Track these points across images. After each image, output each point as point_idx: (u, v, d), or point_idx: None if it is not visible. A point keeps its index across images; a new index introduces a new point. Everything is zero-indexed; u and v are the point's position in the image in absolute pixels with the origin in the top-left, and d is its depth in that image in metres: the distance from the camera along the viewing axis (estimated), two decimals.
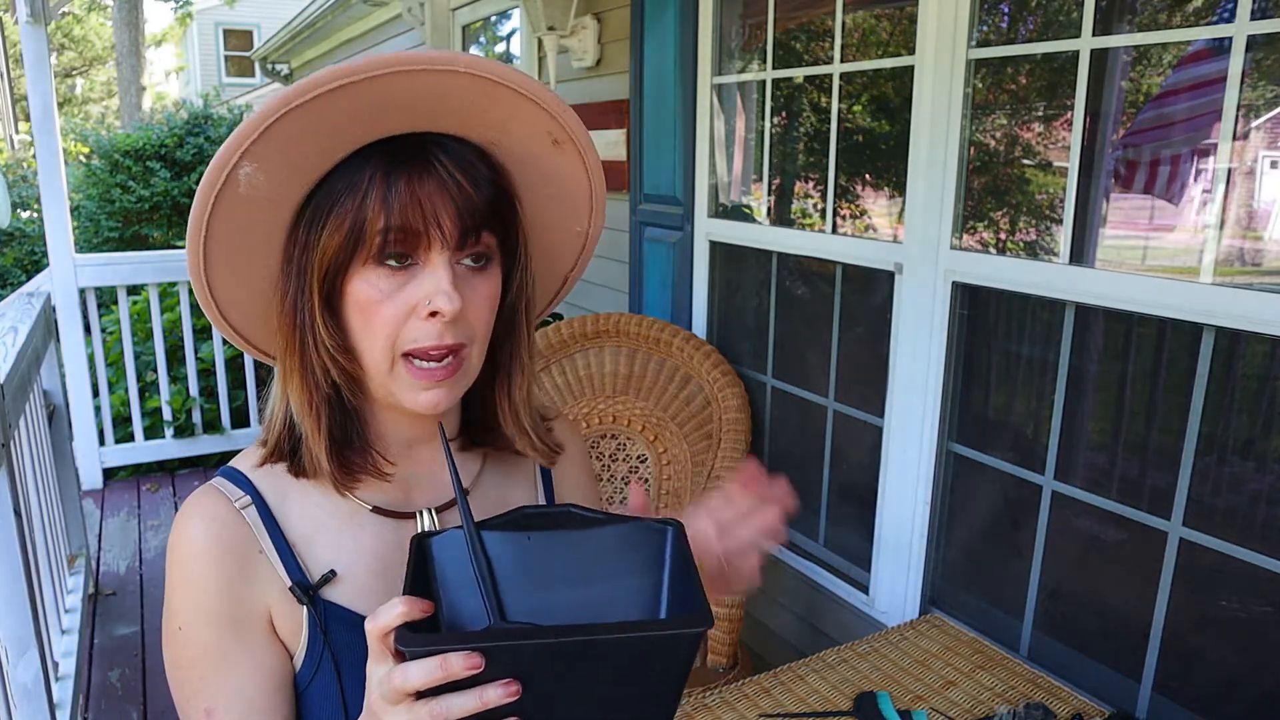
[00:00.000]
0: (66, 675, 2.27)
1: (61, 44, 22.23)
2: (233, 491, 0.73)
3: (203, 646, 0.70)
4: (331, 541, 0.74)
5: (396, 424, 0.76)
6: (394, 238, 0.65)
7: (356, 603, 0.73)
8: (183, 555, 0.70)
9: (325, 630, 0.72)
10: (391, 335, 0.68)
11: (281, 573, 0.72)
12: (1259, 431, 1.58)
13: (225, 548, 0.70)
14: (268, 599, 0.72)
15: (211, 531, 0.71)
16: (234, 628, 0.70)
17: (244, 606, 0.71)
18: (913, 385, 2.07)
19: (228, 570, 0.70)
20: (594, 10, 3.13)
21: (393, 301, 0.67)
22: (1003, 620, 1.98)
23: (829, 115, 2.31)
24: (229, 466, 0.76)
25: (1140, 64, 1.87)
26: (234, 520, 0.71)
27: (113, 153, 8.84)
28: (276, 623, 0.72)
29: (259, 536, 0.72)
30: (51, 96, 3.62)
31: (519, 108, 0.68)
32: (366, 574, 0.74)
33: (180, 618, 0.71)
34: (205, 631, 0.70)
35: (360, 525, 0.75)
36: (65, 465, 2.90)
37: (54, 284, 3.73)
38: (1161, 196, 1.85)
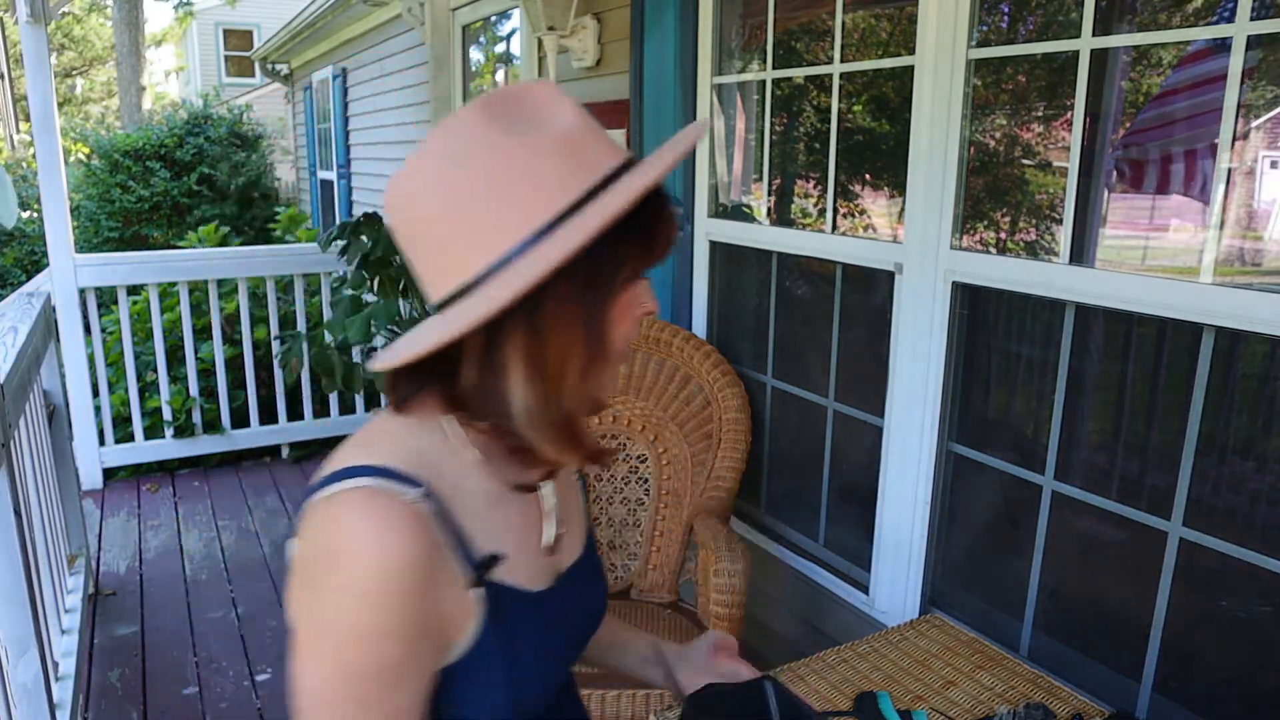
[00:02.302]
0: (66, 675, 2.27)
1: (61, 44, 22.23)
2: (403, 489, 0.70)
3: (398, 657, 0.69)
4: (486, 523, 0.77)
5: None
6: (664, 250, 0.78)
7: (511, 575, 0.77)
8: (377, 565, 0.67)
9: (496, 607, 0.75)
10: (631, 332, 0.78)
11: (460, 565, 0.73)
12: (1259, 431, 1.58)
13: (420, 552, 0.69)
14: (449, 595, 0.72)
15: (408, 537, 0.68)
16: (422, 637, 0.71)
17: (432, 613, 0.71)
18: (913, 385, 2.07)
19: (424, 579, 0.69)
20: (594, 10, 3.13)
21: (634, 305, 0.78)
22: (1003, 620, 1.98)
23: (829, 115, 2.31)
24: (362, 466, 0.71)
25: (1140, 64, 1.87)
26: (416, 519, 0.69)
27: (113, 153, 8.85)
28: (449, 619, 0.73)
29: (437, 532, 0.71)
30: (51, 96, 3.62)
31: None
32: (515, 546, 0.79)
33: (378, 630, 0.67)
34: (402, 644, 0.69)
35: (504, 502, 0.80)
36: (65, 465, 2.90)
37: (54, 284, 3.73)
38: (1162, 196, 1.85)
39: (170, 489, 4.09)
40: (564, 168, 0.70)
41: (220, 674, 2.65)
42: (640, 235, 0.74)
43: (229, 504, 3.92)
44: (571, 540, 0.89)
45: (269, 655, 2.75)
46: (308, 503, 0.71)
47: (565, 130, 0.71)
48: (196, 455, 4.27)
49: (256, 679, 2.63)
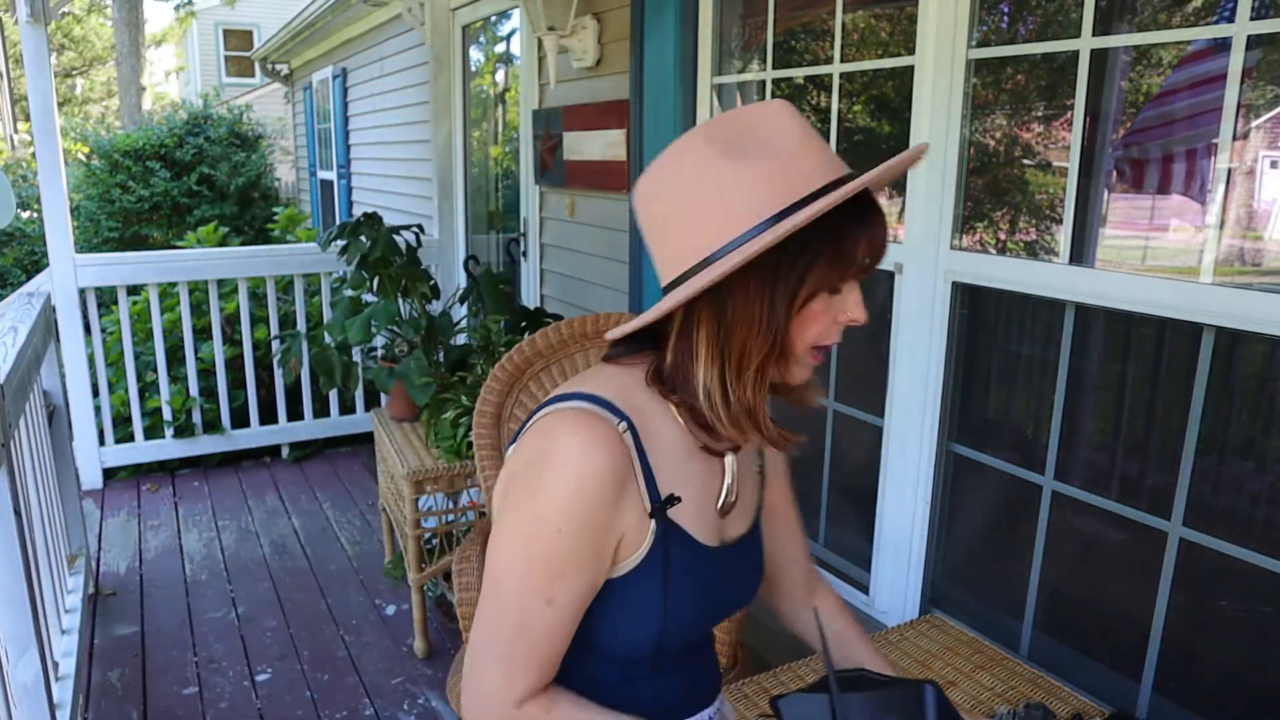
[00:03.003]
0: (66, 675, 2.27)
1: (61, 44, 22.22)
2: (610, 416, 0.86)
3: (572, 550, 0.83)
4: (673, 470, 0.90)
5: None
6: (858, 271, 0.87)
7: (685, 522, 0.90)
8: (577, 470, 0.83)
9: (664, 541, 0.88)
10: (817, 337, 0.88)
11: (643, 492, 0.87)
12: (1259, 431, 1.58)
13: (614, 472, 0.84)
14: (630, 517, 0.86)
15: (604, 453, 0.83)
16: (599, 541, 0.85)
17: (612, 524, 0.85)
18: (913, 385, 2.07)
19: (612, 492, 0.84)
20: (594, 10, 3.13)
21: (828, 313, 0.87)
22: (1003, 620, 1.98)
23: (829, 115, 2.31)
24: (584, 393, 0.88)
25: (1140, 64, 1.87)
26: (619, 446, 0.85)
27: (113, 153, 8.84)
28: (627, 536, 0.87)
29: (634, 461, 0.86)
30: (51, 96, 3.62)
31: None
32: (692, 499, 0.91)
33: (564, 523, 0.82)
34: (580, 539, 0.83)
35: (691, 459, 0.92)
36: (65, 465, 2.90)
37: (54, 284, 3.73)
38: (1162, 196, 1.85)
39: (170, 489, 4.09)
40: (768, 186, 0.81)
41: (220, 674, 2.65)
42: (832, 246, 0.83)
43: (229, 504, 3.92)
44: (741, 517, 0.99)
45: (269, 655, 2.75)
46: (531, 421, 0.89)
47: (779, 152, 0.82)
48: (196, 455, 4.27)
49: (256, 679, 2.63)
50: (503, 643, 0.86)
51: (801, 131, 0.85)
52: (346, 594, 3.13)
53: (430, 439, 2.85)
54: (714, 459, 0.95)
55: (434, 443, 2.81)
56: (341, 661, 2.71)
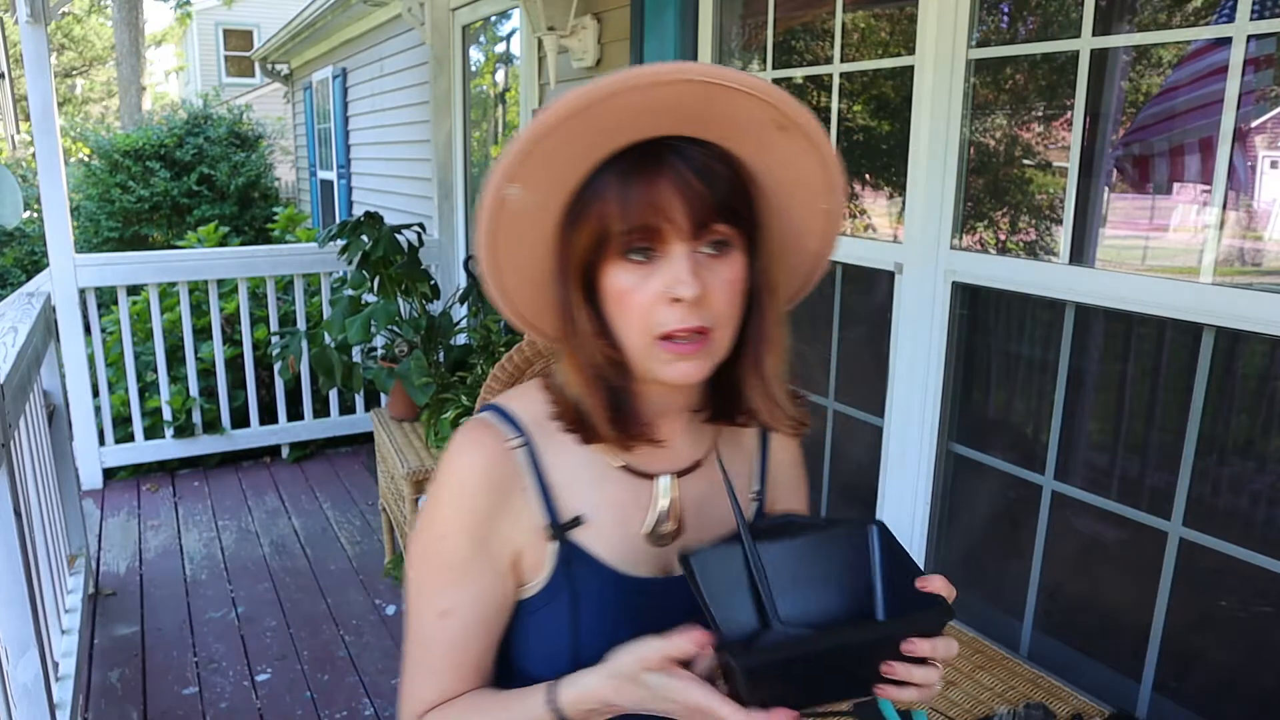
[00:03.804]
0: (66, 675, 2.27)
1: (61, 44, 22.22)
2: (507, 431, 0.83)
3: (457, 557, 0.81)
4: (582, 490, 0.84)
5: (650, 398, 0.84)
6: (635, 237, 0.74)
7: (595, 546, 0.83)
8: (455, 477, 0.81)
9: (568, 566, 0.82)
10: (645, 319, 0.76)
11: (538, 511, 0.82)
12: (1259, 431, 1.58)
13: (493, 482, 0.81)
14: (520, 533, 0.82)
15: (484, 465, 0.81)
16: (485, 550, 0.81)
17: (498, 537, 0.81)
18: (913, 385, 2.07)
19: (493, 501, 0.81)
20: (594, 10, 3.13)
21: (641, 290, 0.75)
22: (1003, 620, 1.98)
23: (829, 115, 2.31)
24: (501, 406, 0.86)
25: (1140, 64, 1.87)
26: (505, 458, 0.82)
27: (113, 153, 8.85)
28: (523, 555, 0.83)
29: (524, 476, 0.82)
30: (51, 96, 3.62)
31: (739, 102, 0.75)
32: (608, 523, 0.84)
33: (444, 528, 0.81)
34: (464, 545, 0.81)
35: (607, 480, 0.85)
36: (65, 465, 2.90)
37: (54, 284, 3.73)
38: (1162, 196, 1.85)
39: (170, 489, 4.09)
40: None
41: (220, 674, 2.65)
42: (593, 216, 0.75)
43: (229, 504, 3.92)
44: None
45: (269, 655, 2.75)
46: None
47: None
48: (196, 455, 4.27)
49: (256, 679, 2.63)
50: (410, 654, 0.85)
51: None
52: (346, 594, 3.13)
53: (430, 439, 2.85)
54: (642, 480, 0.86)
55: (434, 443, 2.81)
56: (341, 661, 2.71)
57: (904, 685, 0.70)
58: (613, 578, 0.84)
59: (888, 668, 0.69)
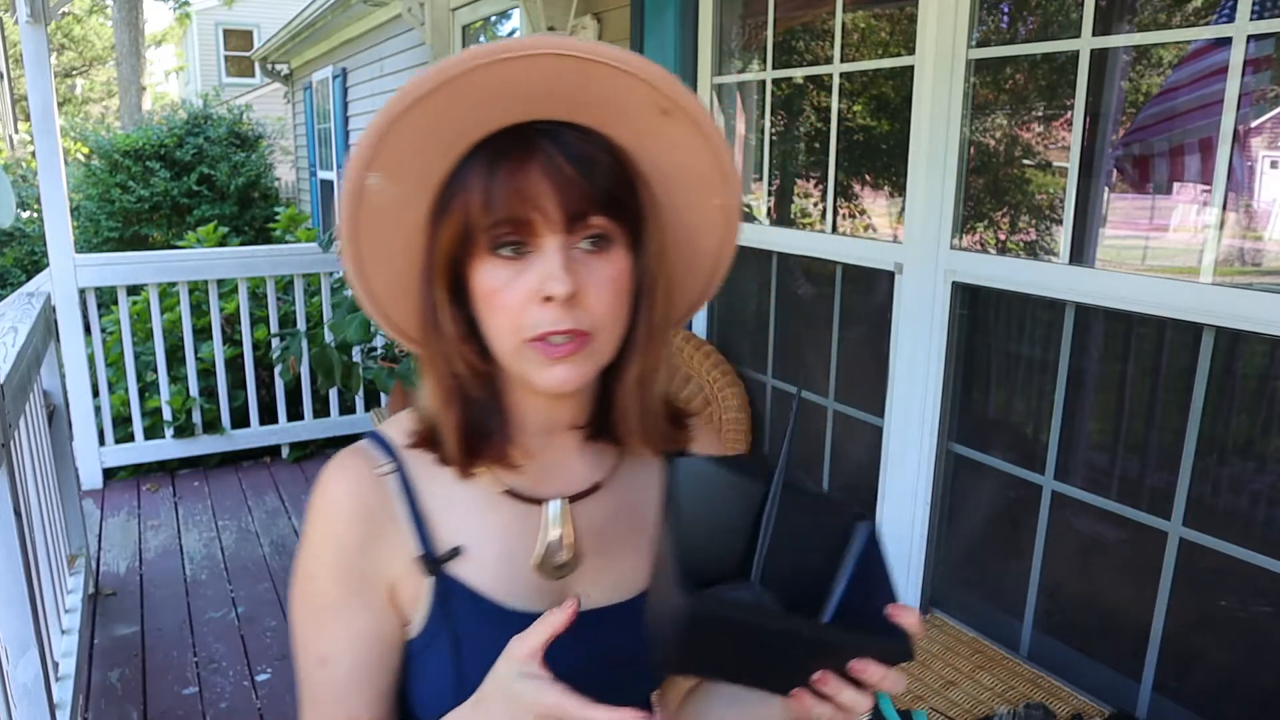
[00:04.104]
0: (66, 675, 2.27)
1: (61, 44, 22.23)
2: (378, 457, 0.76)
3: (328, 598, 0.74)
4: (461, 519, 0.76)
5: (535, 410, 0.77)
6: (503, 229, 0.67)
7: (479, 581, 0.75)
8: (322, 510, 0.75)
9: (446, 604, 0.74)
10: (515, 320, 0.69)
11: (411, 543, 0.75)
12: (1259, 431, 1.58)
13: (361, 510, 0.74)
14: (393, 566, 0.75)
15: (351, 493, 0.74)
16: (359, 586, 0.74)
17: (370, 569, 0.74)
18: (913, 385, 2.07)
19: (361, 532, 0.74)
20: (594, 10, 3.13)
21: (511, 289, 0.68)
22: (1003, 620, 1.98)
23: (829, 115, 2.31)
24: (379, 432, 0.79)
25: (1140, 64, 1.87)
26: (374, 486, 0.75)
27: (113, 153, 8.84)
28: (398, 590, 0.75)
29: (395, 505, 0.75)
30: (51, 96, 3.62)
31: (616, 82, 0.67)
32: (492, 554, 0.76)
33: (311, 567, 0.74)
34: (332, 585, 0.74)
35: (491, 507, 0.77)
36: (65, 465, 2.90)
37: (54, 284, 3.73)
38: (1162, 196, 1.85)
39: (170, 489, 4.09)
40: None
41: (220, 674, 2.65)
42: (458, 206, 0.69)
43: (229, 504, 3.92)
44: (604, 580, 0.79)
45: (269, 655, 2.75)
46: None
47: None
48: (196, 455, 4.26)
49: (256, 679, 2.63)
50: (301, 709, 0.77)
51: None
52: None
53: None
54: (531, 506, 0.77)
55: None
56: None
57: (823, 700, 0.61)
58: (497, 614, 0.74)
59: (822, 678, 0.60)
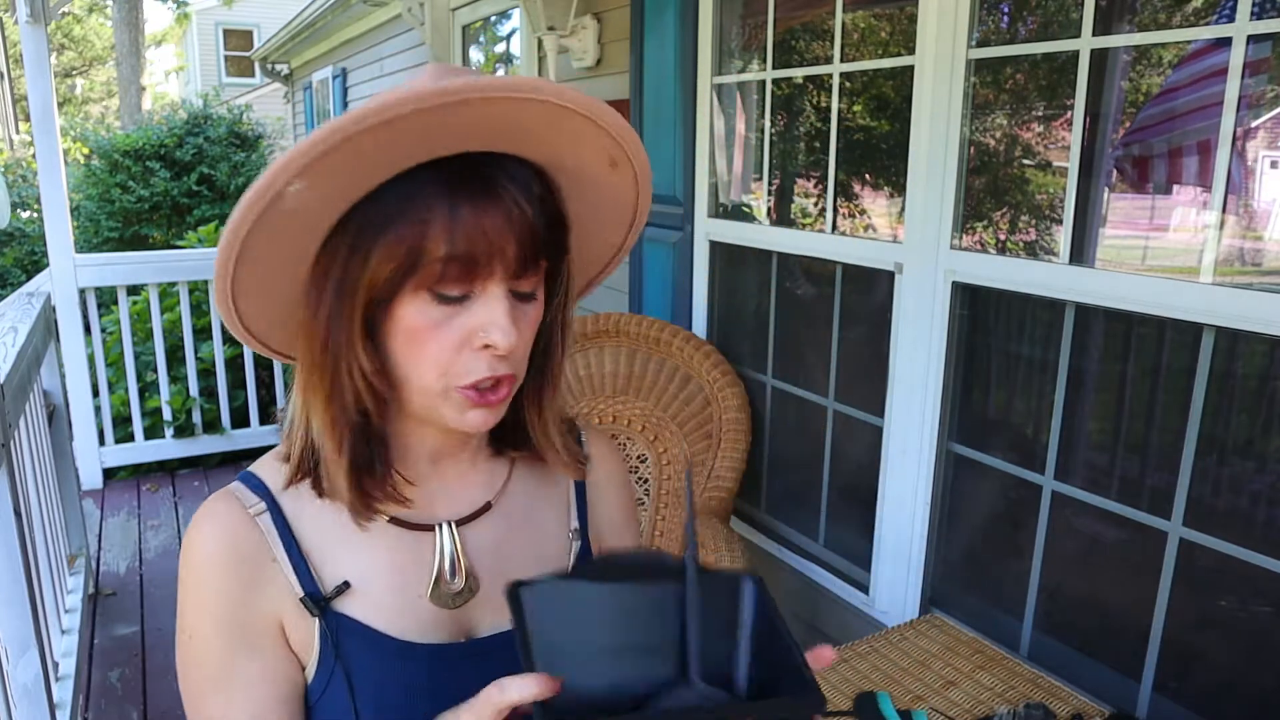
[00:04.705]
0: (66, 675, 2.27)
1: (61, 44, 22.23)
2: (248, 498, 0.72)
3: (212, 654, 0.69)
4: (347, 553, 0.72)
5: (423, 438, 0.74)
6: (455, 268, 0.62)
7: (371, 616, 0.72)
8: (193, 560, 0.70)
9: (337, 643, 0.70)
10: (443, 365, 0.65)
11: (294, 583, 0.70)
12: (1259, 431, 1.58)
13: (236, 555, 0.69)
14: (279, 609, 0.70)
15: (223, 538, 0.70)
16: (243, 636, 0.69)
17: (253, 615, 0.70)
18: (913, 385, 2.07)
19: (238, 578, 0.69)
20: (594, 10, 3.13)
21: (444, 331, 0.64)
22: (1003, 620, 1.98)
23: (829, 115, 2.31)
24: (249, 471, 0.75)
25: (1140, 64, 1.87)
26: (247, 527, 0.70)
27: (113, 153, 8.84)
28: (289, 634, 0.71)
29: (272, 545, 0.70)
30: (51, 96, 3.62)
31: (585, 131, 0.66)
32: (383, 587, 0.72)
33: (190, 624, 0.70)
34: (214, 639, 0.69)
35: (377, 537, 0.73)
36: (65, 465, 2.90)
37: (54, 284, 3.73)
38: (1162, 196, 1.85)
39: (170, 489, 4.09)
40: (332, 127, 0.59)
41: None
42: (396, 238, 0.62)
43: None
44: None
45: None
46: None
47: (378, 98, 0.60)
48: (196, 455, 4.27)
49: None
50: None
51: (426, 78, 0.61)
52: None
53: None
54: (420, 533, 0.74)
55: None
56: None
57: None
58: (393, 648, 0.71)
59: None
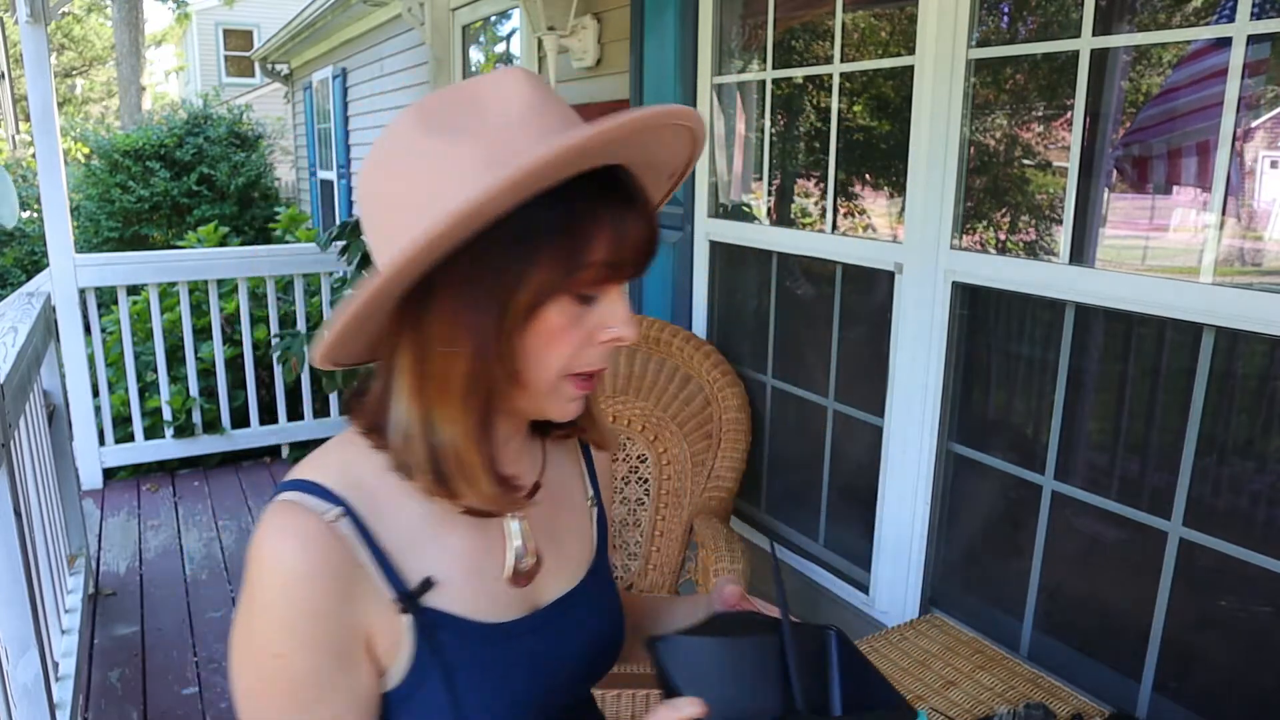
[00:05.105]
0: (66, 675, 2.27)
1: (61, 44, 22.22)
2: (319, 505, 0.69)
3: (304, 674, 0.67)
4: (425, 547, 0.73)
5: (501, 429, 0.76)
6: (606, 273, 0.68)
7: (457, 606, 0.73)
8: (279, 579, 0.67)
9: (432, 637, 0.71)
10: (569, 357, 0.70)
11: (382, 586, 0.70)
12: (1259, 431, 1.58)
13: (327, 569, 0.67)
14: (369, 616, 0.70)
15: (309, 552, 0.67)
16: (336, 653, 0.68)
17: (346, 630, 0.68)
18: (913, 385, 2.07)
19: (331, 593, 0.67)
20: (594, 10, 3.13)
21: (577, 329, 0.69)
22: (1003, 620, 1.98)
23: (829, 115, 2.31)
24: (302, 480, 0.72)
25: (1140, 64, 1.87)
26: (329, 537, 0.68)
27: (113, 153, 8.85)
28: (375, 641, 0.70)
29: (355, 550, 0.69)
30: (51, 96, 3.62)
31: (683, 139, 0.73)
32: (462, 575, 0.74)
33: (277, 645, 0.67)
34: (308, 659, 0.67)
35: (451, 528, 0.75)
36: (65, 465, 2.90)
37: (54, 284, 3.73)
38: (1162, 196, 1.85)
39: (170, 489, 4.09)
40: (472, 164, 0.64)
41: (220, 674, 2.65)
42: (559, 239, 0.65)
43: (229, 504, 3.92)
44: (561, 570, 0.82)
45: None
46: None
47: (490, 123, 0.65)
48: (196, 455, 4.27)
49: None
50: None
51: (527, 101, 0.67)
52: None
53: None
54: (489, 520, 0.77)
55: None
56: None
57: None
58: (484, 634, 0.74)
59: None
